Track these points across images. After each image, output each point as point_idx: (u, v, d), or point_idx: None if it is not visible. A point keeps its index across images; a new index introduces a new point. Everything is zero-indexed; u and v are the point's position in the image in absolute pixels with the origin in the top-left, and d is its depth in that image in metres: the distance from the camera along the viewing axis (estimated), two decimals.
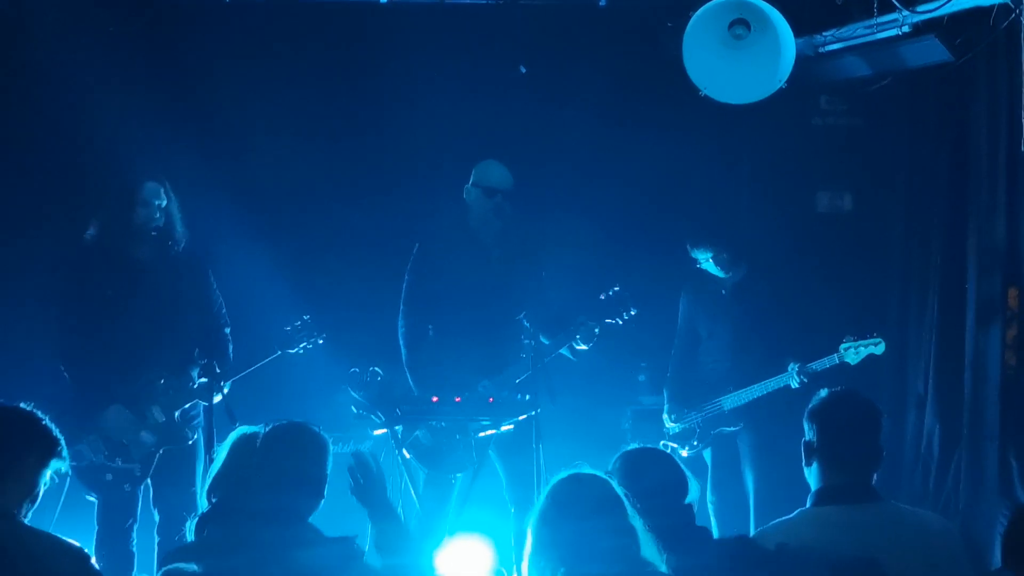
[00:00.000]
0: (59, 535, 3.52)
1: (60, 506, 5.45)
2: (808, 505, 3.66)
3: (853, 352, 6.33)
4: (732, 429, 6.66)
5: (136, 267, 5.82)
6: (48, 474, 3.55)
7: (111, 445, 5.67)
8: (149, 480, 5.82)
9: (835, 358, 6.36)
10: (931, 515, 3.88)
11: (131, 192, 5.81)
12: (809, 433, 3.69)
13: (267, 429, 3.86)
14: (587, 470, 3.52)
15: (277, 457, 3.75)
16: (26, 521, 3.49)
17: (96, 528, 5.72)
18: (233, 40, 7.11)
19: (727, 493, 6.71)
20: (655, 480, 3.93)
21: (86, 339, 5.74)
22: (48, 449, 3.55)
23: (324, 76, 7.37)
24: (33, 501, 3.53)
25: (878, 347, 6.35)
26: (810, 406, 3.72)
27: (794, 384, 6.39)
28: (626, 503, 3.39)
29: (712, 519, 6.73)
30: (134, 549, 5.79)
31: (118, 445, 5.67)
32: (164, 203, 5.83)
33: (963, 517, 6.37)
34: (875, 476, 3.68)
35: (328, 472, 3.80)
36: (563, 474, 3.51)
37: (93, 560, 3.52)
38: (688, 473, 3.89)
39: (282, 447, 3.76)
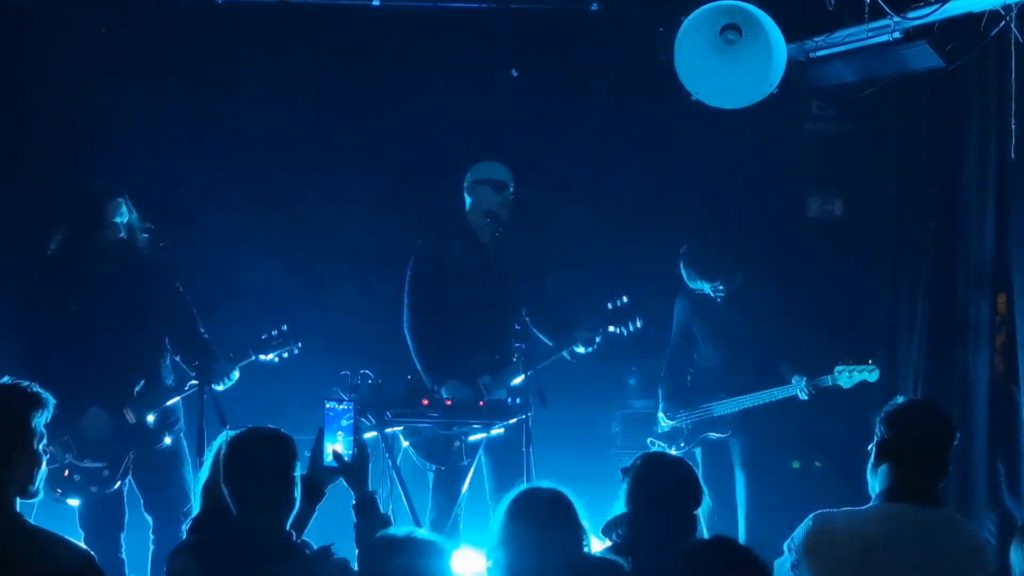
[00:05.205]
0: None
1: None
2: (877, 501, 3.76)
3: (847, 376, 6.38)
4: (720, 436, 6.67)
5: (102, 280, 5.84)
6: (40, 435, 3.34)
7: (82, 446, 5.68)
8: (135, 486, 5.84)
9: (828, 380, 6.41)
10: (975, 529, 4.02)
11: (94, 211, 5.82)
12: (883, 435, 3.79)
13: (226, 441, 3.80)
14: (544, 484, 3.75)
15: (239, 469, 3.69)
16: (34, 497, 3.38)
17: (82, 535, 5.67)
18: (225, 43, 7.10)
19: (715, 493, 6.71)
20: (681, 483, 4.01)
21: (55, 353, 5.70)
22: (28, 409, 3.32)
23: (316, 79, 7.36)
24: (39, 468, 3.34)
25: (872, 374, 6.40)
26: (887, 410, 3.84)
27: (803, 396, 6.45)
28: (577, 506, 3.64)
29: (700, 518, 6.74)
30: (123, 556, 5.81)
31: (89, 446, 5.69)
32: (126, 218, 5.84)
33: None
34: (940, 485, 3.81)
35: (296, 474, 3.73)
36: (519, 488, 3.74)
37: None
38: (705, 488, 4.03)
39: (242, 458, 3.71)
